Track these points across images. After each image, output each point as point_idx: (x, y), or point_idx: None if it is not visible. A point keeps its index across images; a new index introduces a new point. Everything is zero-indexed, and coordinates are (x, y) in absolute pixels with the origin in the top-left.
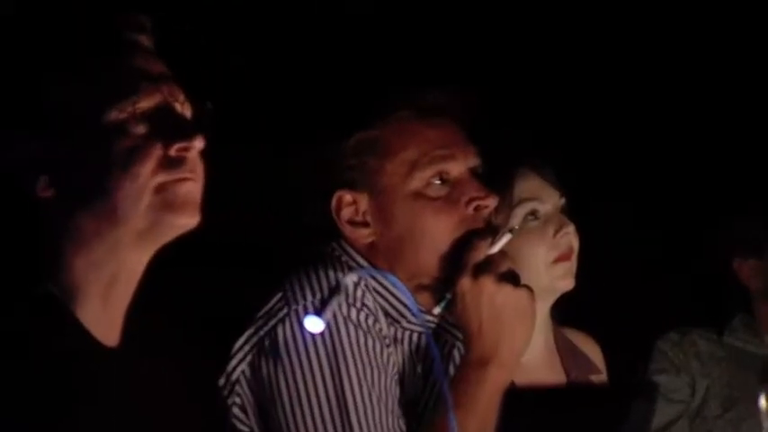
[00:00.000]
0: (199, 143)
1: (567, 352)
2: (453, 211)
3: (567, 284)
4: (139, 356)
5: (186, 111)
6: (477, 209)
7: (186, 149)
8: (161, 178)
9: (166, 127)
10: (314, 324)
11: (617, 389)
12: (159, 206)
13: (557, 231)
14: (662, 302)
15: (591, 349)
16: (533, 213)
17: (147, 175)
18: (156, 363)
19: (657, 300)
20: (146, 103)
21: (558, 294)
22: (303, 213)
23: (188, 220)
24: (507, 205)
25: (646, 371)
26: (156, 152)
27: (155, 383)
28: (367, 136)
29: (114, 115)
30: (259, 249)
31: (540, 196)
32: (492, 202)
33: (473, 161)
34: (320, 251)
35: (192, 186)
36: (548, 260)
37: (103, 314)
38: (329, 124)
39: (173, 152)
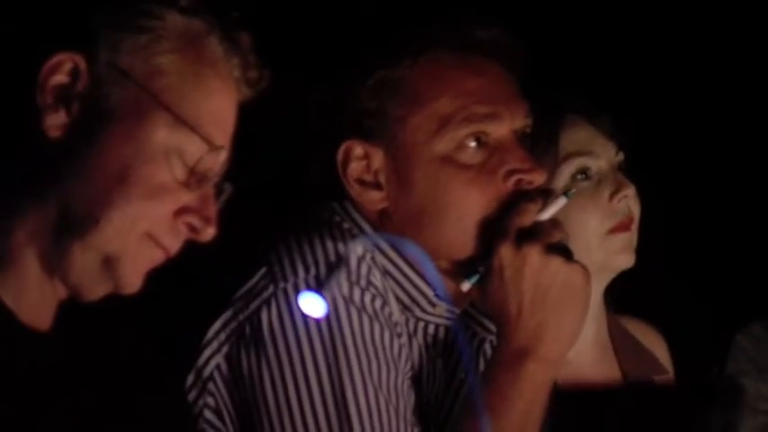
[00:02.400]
0: (207, 236)
1: (624, 346)
2: (488, 183)
3: (626, 260)
4: (75, 344)
5: (219, 196)
6: (517, 183)
7: (192, 230)
8: (154, 231)
9: (199, 193)
10: (311, 305)
11: (686, 393)
12: (127, 252)
13: (613, 194)
14: (743, 288)
15: (654, 344)
16: (584, 171)
17: (152, 220)
18: (96, 353)
19: (737, 284)
20: (206, 158)
21: (613, 274)
22: (302, 166)
23: (134, 285)
24: (551, 160)
25: (722, 372)
26: (175, 207)
27: (93, 378)
28: (391, 75)
29: (176, 140)
30: (242, 210)
31: (592, 150)
32: (538, 178)
33: (520, 122)
34: (315, 215)
35: (162, 259)
36: (602, 230)
37: (35, 294)
38: (346, 56)
39: (181, 222)
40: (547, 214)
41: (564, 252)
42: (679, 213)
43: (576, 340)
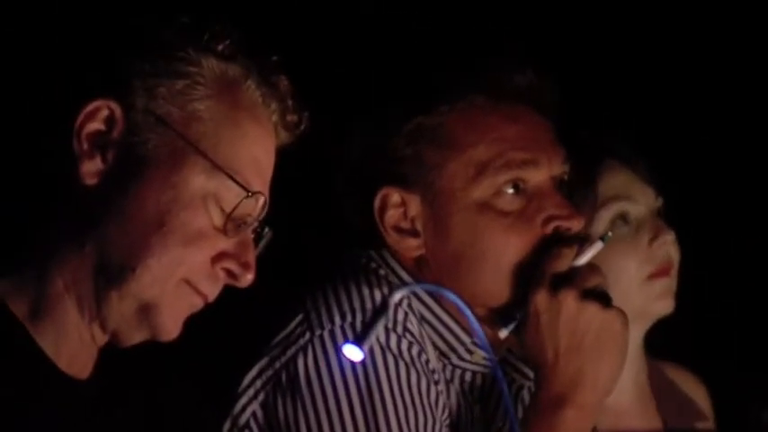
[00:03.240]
0: (246, 281)
1: (664, 393)
2: (526, 230)
3: (666, 306)
4: (114, 393)
5: (259, 244)
6: (555, 230)
7: (231, 276)
8: (192, 278)
9: (237, 239)
10: (351, 353)
11: None
12: (165, 299)
13: (652, 239)
14: None
15: (694, 390)
16: (623, 217)
17: (190, 266)
18: (136, 401)
19: None
20: (245, 205)
21: (653, 320)
22: (339, 212)
23: (172, 332)
24: (590, 206)
25: (763, 419)
26: (213, 253)
27: (132, 426)
28: (427, 122)
29: (214, 185)
30: (277, 257)
31: (631, 195)
32: (576, 225)
33: (558, 168)
34: (351, 262)
35: (201, 305)
36: (641, 276)
37: (74, 343)
38: (383, 102)
39: (219, 268)
40: (584, 259)
41: (601, 297)
42: (717, 258)
43: (614, 387)
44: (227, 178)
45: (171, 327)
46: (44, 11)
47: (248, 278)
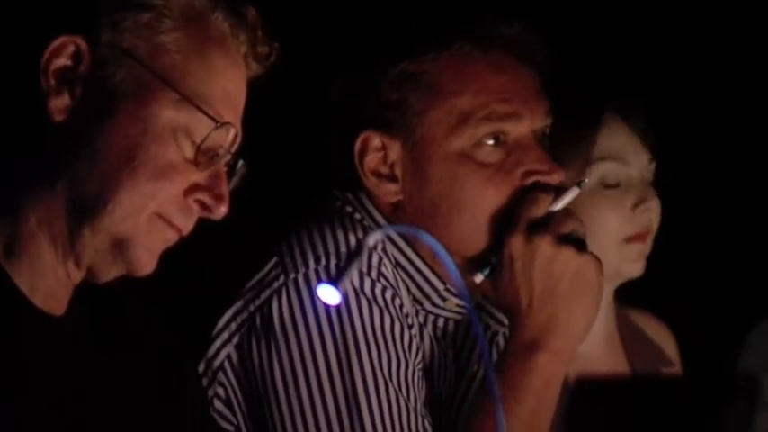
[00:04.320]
0: (220, 214)
1: (631, 339)
2: (505, 182)
3: (636, 269)
4: (90, 329)
5: (233, 176)
6: (534, 184)
7: (204, 209)
8: (164, 211)
9: (209, 172)
10: (325, 295)
11: (697, 387)
12: (138, 233)
13: (636, 204)
14: (754, 282)
15: (662, 337)
16: (616, 180)
17: (161, 200)
18: (108, 338)
19: (747, 278)
20: (215, 137)
21: (623, 280)
22: (317, 153)
23: (147, 266)
24: (582, 159)
25: (733, 369)
26: (185, 186)
27: (105, 363)
28: (413, 68)
29: (182, 119)
30: (252, 197)
31: (624, 156)
32: (556, 179)
33: (540, 121)
34: (327, 205)
35: (175, 239)
36: (619, 237)
37: (49, 279)
38: (369, 46)
39: (192, 201)
40: (559, 205)
41: (577, 243)
42: (688, 206)
43: (587, 333)
44: (196, 110)
45: (146, 261)
46: None
47: (221, 210)
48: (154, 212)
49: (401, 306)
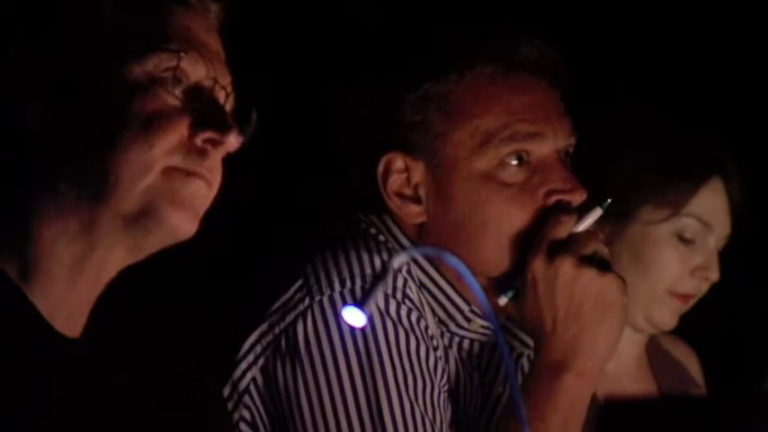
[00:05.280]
0: (231, 142)
1: (659, 361)
2: (528, 202)
3: (670, 324)
4: (107, 353)
5: (229, 103)
6: (558, 204)
7: (214, 143)
8: (174, 162)
9: (202, 108)
10: (353, 317)
11: (723, 404)
12: (159, 193)
13: (699, 268)
14: None
15: (687, 358)
16: (693, 238)
17: (162, 150)
18: (128, 362)
19: None
20: (188, 69)
21: (653, 330)
22: (342, 176)
23: (183, 223)
24: (672, 203)
25: (760, 386)
26: (181, 130)
27: (125, 387)
28: (436, 90)
29: (148, 67)
30: (278, 222)
31: (711, 223)
32: (578, 198)
33: (564, 140)
34: (352, 227)
35: (203, 188)
36: (669, 288)
37: (65, 298)
38: (392, 68)
39: (198, 140)
40: (582, 226)
41: (599, 263)
42: None
43: (613, 352)
44: (155, 52)
45: (179, 220)
46: None
47: (232, 141)
48: (165, 167)
49: (426, 328)
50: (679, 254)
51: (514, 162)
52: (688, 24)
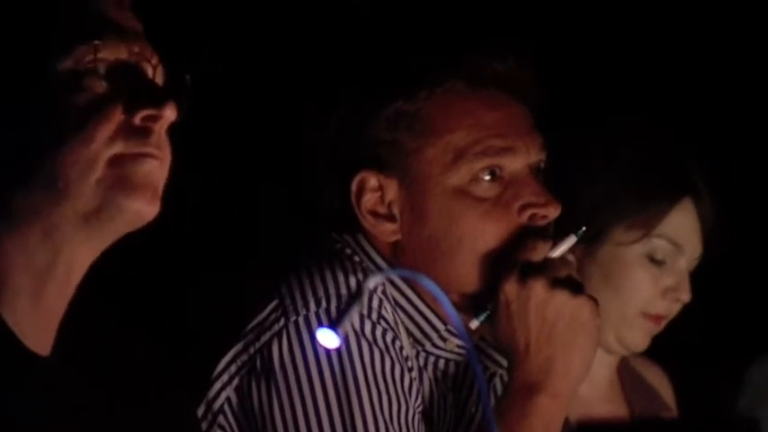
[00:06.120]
0: (169, 113)
1: (631, 383)
2: (502, 217)
3: (641, 345)
4: (77, 370)
5: (158, 75)
6: (532, 218)
7: (153, 119)
8: (118, 149)
9: (132, 89)
10: (325, 339)
11: (694, 428)
12: (111, 183)
13: (671, 290)
14: (751, 318)
15: (658, 381)
16: (664, 259)
17: (102, 141)
18: (98, 379)
19: (744, 314)
20: (109, 56)
21: (625, 352)
22: (314, 194)
23: (144, 207)
24: (643, 224)
25: (731, 408)
26: (117, 116)
27: (98, 406)
28: (407, 107)
29: (68, 64)
30: (251, 242)
31: (682, 244)
32: (553, 212)
33: (535, 155)
34: (326, 247)
35: (155, 166)
36: (640, 310)
37: (34, 316)
38: (362, 86)
39: (137, 120)
40: (557, 252)
41: (572, 286)
42: None
43: (586, 374)
44: (72, 51)
45: (140, 205)
46: None
47: (168, 111)
48: (110, 157)
49: (401, 348)
50: (650, 275)
51: (487, 177)
52: (660, 47)
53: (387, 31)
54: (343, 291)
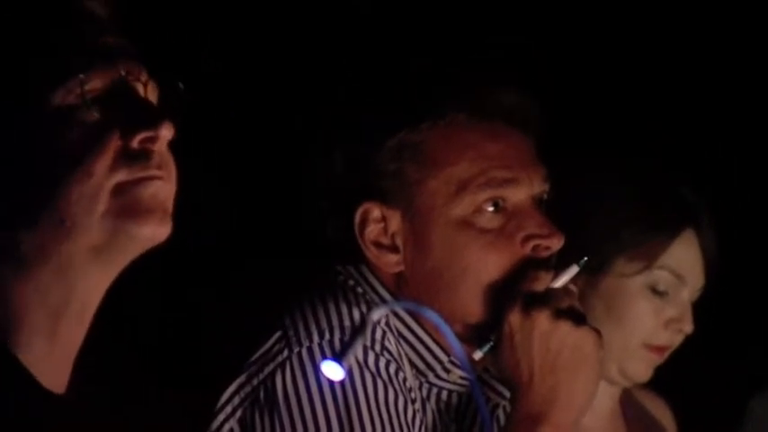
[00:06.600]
0: (166, 132)
1: (634, 415)
2: (506, 248)
3: (645, 376)
4: (93, 408)
5: (151, 93)
6: (535, 249)
7: (151, 141)
8: (120, 177)
9: (126, 113)
10: (329, 371)
11: None
12: (118, 212)
13: (673, 321)
14: (754, 351)
15: (661, 413)
16: (666, 290)
17: (102, 172)
18: (113, 417)
19: (746, 346)
20: (96, 85)
21: (628, 383)
22: (318, 226)
23: (155, 230)
24: (645, 255)
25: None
26: (114, 144)
27: None
28: (411, 139)
29: (59, 98)
30: (258, 273)
31: (684, 276)
32: (556, 243)
33: (538, 186)
34: (330, 278)
35: (161, 187)
36: (643, 342)
37: (49, 354)
38: (366, 117)
39: (134, 144)
40: (559, 282)
41: (575, 317)
42: None
43: (589, 405)
44: (58, 89)
45: (151, 229)
46: None
47: (164, 132)
48: (113, 186)
49: (405, 380)
50: (653, 306)
51: (491, 208)
52: (660, 76)
53: (390, 62)
54: (347, 323)
